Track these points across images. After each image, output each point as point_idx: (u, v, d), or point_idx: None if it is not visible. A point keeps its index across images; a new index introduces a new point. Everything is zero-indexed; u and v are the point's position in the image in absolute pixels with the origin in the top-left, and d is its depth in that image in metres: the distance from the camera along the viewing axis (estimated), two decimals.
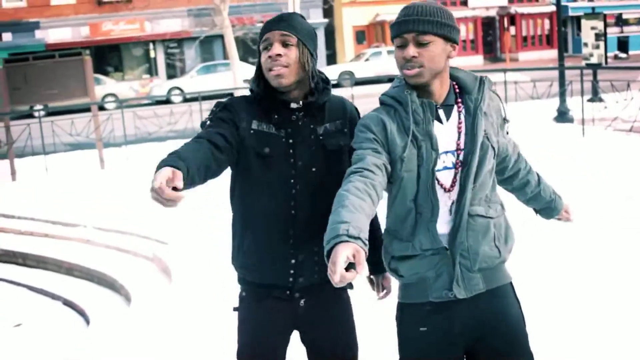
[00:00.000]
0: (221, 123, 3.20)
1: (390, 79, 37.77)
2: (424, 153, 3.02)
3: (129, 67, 46.74)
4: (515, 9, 52.71)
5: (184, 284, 7.73)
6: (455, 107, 3.12)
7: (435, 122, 3.07)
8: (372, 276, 3.67)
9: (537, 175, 3.59)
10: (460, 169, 3.06)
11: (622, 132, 15.59)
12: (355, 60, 43.45)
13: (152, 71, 46.41)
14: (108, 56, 46.02)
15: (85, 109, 19.71)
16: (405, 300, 3.19)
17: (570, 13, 52.01)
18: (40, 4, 43.46)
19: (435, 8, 3.03)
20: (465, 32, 52.32)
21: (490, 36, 53.64)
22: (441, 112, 3.10)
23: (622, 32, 53.34)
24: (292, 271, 3.26)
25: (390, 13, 50.21)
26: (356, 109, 3.48)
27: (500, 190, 3.32)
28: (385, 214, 3.21)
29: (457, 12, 51.69)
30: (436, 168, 3.03)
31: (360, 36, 51.33)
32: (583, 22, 22.01)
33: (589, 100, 19.59)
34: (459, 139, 3.08)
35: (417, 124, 3.03)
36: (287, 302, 3.33)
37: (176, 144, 18.15)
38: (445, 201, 3.05)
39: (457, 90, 3.16)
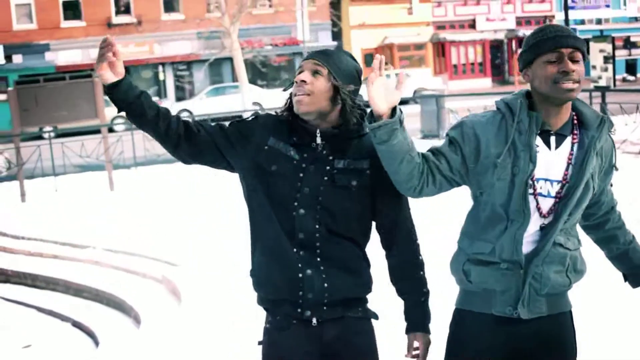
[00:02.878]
0: (229, 130, 3.33)
1: (399, 102, 37.87)
2: (522, 163, 3.05)
3: None
4: (523, 31, 52.76)
5: (193, 306, 7.72)
6: (570, 137, 3.12)
7: (543, 145, 3.10)
8: (406, 335, 3.45)
9: (632, 236, 3.51)
10: (560, 199, 3.09)
11: (631, 154, 15.58)
12: (364, 82, 43.48)
13: (161, 93, 46.53)
14: None
15: (95, 131, 19.79)
16: (465, 307, 3.24)
17: (579, 36, 52.00)
18: (51, 26, 43.70)
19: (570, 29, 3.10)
20: (473, 54, 52.44)
21: (499, 59, 53.70)
22: (552, 139, 3.11)
23: (630, 54, 53.35)
24: (300, 285, 3.23)
25: (399, 36, 50.40)
26: None
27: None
28: (465, 220, 3.27)
29: (465, 35, 51.87)
30: (537, 191, 3.07)
31: (369, 59, 51.27)
32: (591, 44, 22.03)
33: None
34: (566, 170, 3.10)
35: (520, 133, 3.08)
36: (307, 328, 3.28)
37: (185, 166, 18.29)
38: (539, 223, 3.09)
39: (576, 122, 3.16)
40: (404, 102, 37.40)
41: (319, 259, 3.23)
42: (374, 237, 3.37)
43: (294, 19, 36.55)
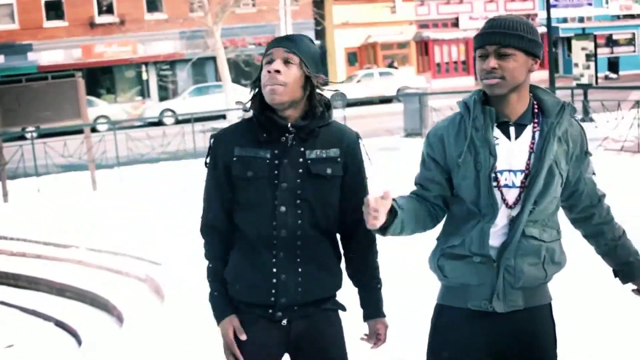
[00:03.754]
0: (217, 179, 3.33)
1: (382, 100, 37.94)
2: (482, 158, 3.08)
3: (122, 89, 46.80)
4: None
5: (177, 305, 7.71)
6: (530, 126, 3.14)
7: (502, 136, 3.12)
8: (365, 322, 3.54)
9: (622, 231, 3.44)
10: (524, 189, 3.09)
11: (613, 151, 15.66)
12: (347, 81, 43.52)
13: (144, 93, 46.47)
14: (100, 78, 46.08)
15: (78, 131, 19.73)
16: (444, 302, 3.27)
17: (561, 34, 52.26)
18: (33, 26, 43.53)
19: (519, 22, 3.09)
20: (456, 53, 52.53)
21: None
22: (512, 130, 3.14)
23: (612, 52, 53.64)
24: (273, 290, 3.24)
25: (382, 35, 50.44)
26: (358, 138, 3.40)
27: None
28: (444, 219, 3.32)
29: (448, 34, 51.97)
30: (501, 183, 3.09)
31: (352, 58, 51.46)
32: (574, 42, 22.15)
33: (580, 120, 19.65)
34: (529, 159, 3.11)
35: (476, 130, 3.10)
36: (276, 325, 3.29)
37: (168, 166, 18.17)
38: (507, 215, 3.10)
39: (536, 111, 3.18)
40: (387, 100, 37.46)
41: (298, 260, 3.24)
42: None
43: (277, 18, 36.52)
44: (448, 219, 3.29)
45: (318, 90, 3.29)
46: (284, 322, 3.29)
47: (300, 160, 3.24)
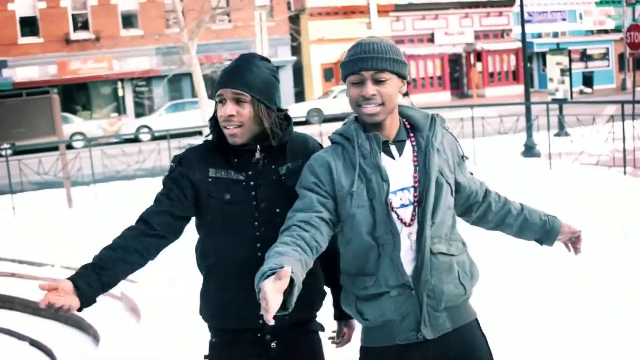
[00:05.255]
0: (171, 191, 3.21)
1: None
2: (375, 186, 2.99)
3: (97, 105, 46.61)
4: (481, 45, 53.25)
5: (153, 323, 7.66)
6: (408, 141, 3.11)
7: (387, 158, 3.06)
8: (335, 321, 3.61)
9: (519, 204, 3.45)
10: (417, 205, 3.03)
11: (589, 165, 15.76)
12: (323, 97, 43.64)
13: (120, 109, 46.31)
14: (76, 95, 45.88)
15: (53, 148, 19.60)
16: (370, 344, 3.13)
17: (536, 49, 52.63)
18: (8, 42, 43.28)
19: (387, 45, 3.04)
20: (432, 68, 52.76)
21: (457, 72, 54.08)
22: (393, 148, 3.09)
23: (587, 67, 54.08)
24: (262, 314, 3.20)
25: None
26: (320, 145, 3.41)
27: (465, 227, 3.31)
28: (341, 257, 3.17)
29: (424, 49, 52.18)
30: (394, 204, 3.00)
31: (328, 73, 51.55)
32: (548, 57, 22.30)
33: (555, 135, 19.83)
34: (415, 172, 3.06)
35: (364, 157, 3.02)
36: (258, 344, 3.26)
37: (145, 182, 18.10)
38: (408, 235, 3.02)
39: (408, 127, 3.15)
40: None
41: None
42: None
43: (253, 34, 36.45)
44: (343, 258, 3.15)
45: (276, 115, 3.25)
46: (273, 345, 3.26)
47: (274, 177, 3.23)
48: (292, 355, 3.31)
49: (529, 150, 18.30)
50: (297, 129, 3.39)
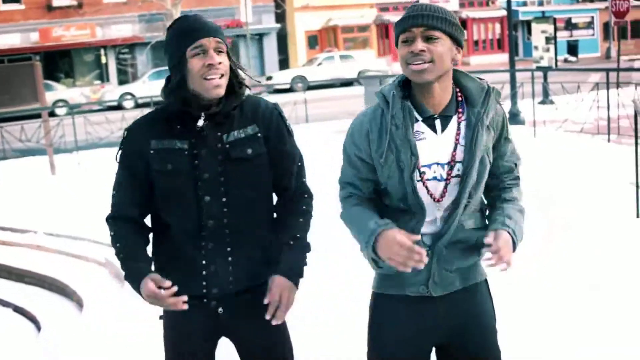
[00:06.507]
0: (127, 176, 3.25)
1: (342, 84, 37.95)
2: (404, 158, 2.98)
3: (80, 72, 46.36)
4: (466, 13, 53.10)
5: None
6: (455, 117, 3.04)
7: (429, 131, 3.02)
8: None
9: (510, 209, 3.16)
10: (450, 180, 3.01)
11: (573, 132, 15.80)
12: (307, 65, 43.48)
13: (103, 77, 46.08)
14: (59, 62, 45.60)
15: (36, 115, 19.48)
16: (381, 290, 3.20)
17: (521, 17, 52.55)
18: None
19: (440, 7, 3.00)
20: None
21: None
22: (437, 123, 3.03)
23: (571, 36, 54.06)
24: (204, 282, 3.17)
25: (343, 18, 50.40)
26: (277, 109, 3.30)
27: None
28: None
29: None
30: (425, 177, 3.00)
31: (313, 41, 51.38)
32: (533, 25, 22.26)
33: (540, 103, 19.83)
34: (454, 150, 3.01)
35: (396, 128, 2.99)
36: (205, 311, 3.24)
37: None
38: (434, 211, 3.03)
39: (460, 99, 3.08)
40: (348, 83, 37.46)
41: (228, 249, 3.17)
42: None
43: (237, 0, 36.36)
44: (381, 211, 3.16)
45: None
46: (220, 310, 3.23)
47: (219, 145, 3.14)
48: (243, 325, 3.27)
49: (514, 118, 18.28)
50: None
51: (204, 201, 3.13)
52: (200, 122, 3.13)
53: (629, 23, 52.09)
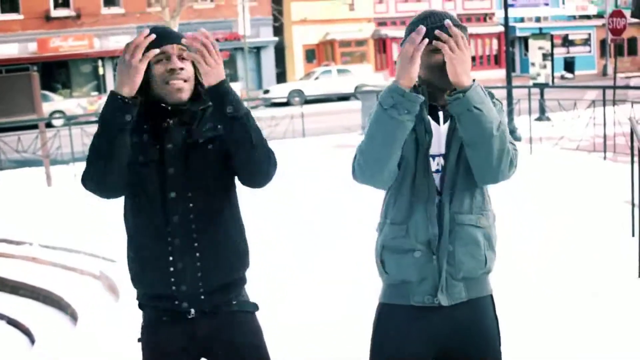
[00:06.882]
0: None
1: (340, 98, 37.98)
2: (419, 136, 3.07)
3: (77, 83, 46.36)
4: None
5: (131, 303, 7.61)
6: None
7: (433, 122, 3.11)
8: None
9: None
10: (445, 172, 3.10)
11: (569, 150, 15.82)
12: (305, 78, 43.55)
13: (100, 88, 46.06)
14: (56, 73, 45.59)
15: (33, 126, 19.46)
16: (387, 300, 3.24)
17: (518, 33, 52.69)
18: None
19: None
20: None
21: None
22: (441, 115, 3.13)
23: (568, 52, 54.22)
24: (172, 279, 3.19)
25: (341, 32, 50.50)
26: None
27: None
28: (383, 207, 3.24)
29: None
30: (433, 169, 3.09)
31: (310, 55, 51.47)
32: (530, 42, 22.32)
33: (536, 119, 19.88)
34: (445, 143, 3.12)
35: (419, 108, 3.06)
36: (180, 328, 3.25)
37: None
38: (436, 201, 3.09)
39: None
40: (345, 97, 37.51)
41: (195, 244, 3.19)
42: None
43: (235, 13, 36.42)
44: (390, 198, 3.20)
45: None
46: (192, 312, 3.22)
47: (184, 141, 3.19)
48: (217, 338, 3.27)
49: (510, 134, 18.33)
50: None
51: (170, 197, 3.17)
52: (170, 120, 3.19)
53: (626, 40, 52.39)
